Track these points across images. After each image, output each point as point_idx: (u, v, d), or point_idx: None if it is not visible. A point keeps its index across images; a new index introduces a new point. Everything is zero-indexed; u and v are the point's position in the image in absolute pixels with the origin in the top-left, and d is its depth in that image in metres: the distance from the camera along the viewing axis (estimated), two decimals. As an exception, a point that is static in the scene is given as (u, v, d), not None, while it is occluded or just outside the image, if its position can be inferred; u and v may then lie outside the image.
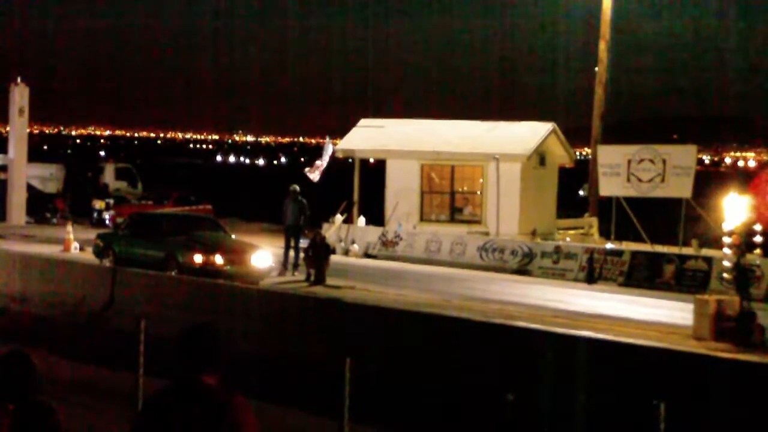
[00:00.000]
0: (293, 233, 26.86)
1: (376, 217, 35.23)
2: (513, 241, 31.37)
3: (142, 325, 11.26)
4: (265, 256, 23.68)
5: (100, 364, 15.53)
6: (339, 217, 34.58)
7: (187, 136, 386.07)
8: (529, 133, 35.05)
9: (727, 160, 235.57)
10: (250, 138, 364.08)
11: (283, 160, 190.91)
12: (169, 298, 17.74)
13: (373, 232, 33.61)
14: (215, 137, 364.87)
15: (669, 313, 22.15)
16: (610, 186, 31.67)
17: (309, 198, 27.93)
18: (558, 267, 29.16)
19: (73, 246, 30.10)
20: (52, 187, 45.91)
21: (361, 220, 34.81)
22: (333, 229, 33.50)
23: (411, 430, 12.94)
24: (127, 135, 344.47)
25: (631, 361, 12.28)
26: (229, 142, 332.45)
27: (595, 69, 38.24)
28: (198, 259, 22.69)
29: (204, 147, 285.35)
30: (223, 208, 42.04)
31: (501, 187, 33.74)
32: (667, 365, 12.10)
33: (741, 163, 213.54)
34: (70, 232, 30.57)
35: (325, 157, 34.12)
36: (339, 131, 41.55)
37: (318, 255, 24.98)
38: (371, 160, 39.88)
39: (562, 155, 36.42)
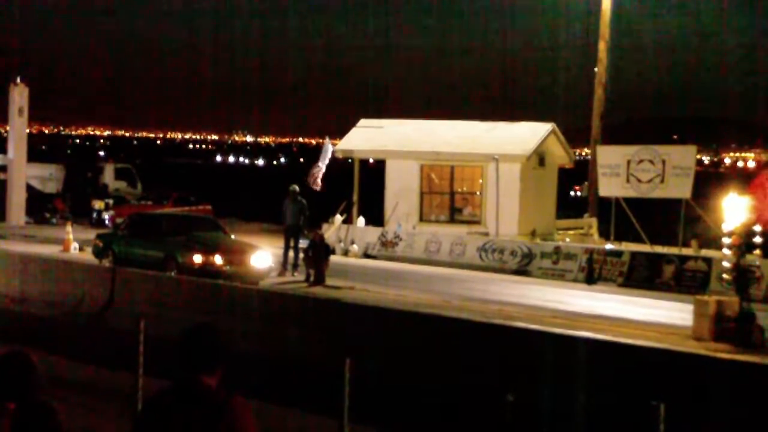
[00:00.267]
0: (293, 233, 26.87)
1: (376, 218, 35.23)
2: (512, 241, 31.37)
3: (142, 325, 11.25)
4: (264, 256, 23.69)
5: (100, 364, 15.52)
6: (338, 218, 34.58)
7: (186, 136, 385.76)
8: (529, 133, 35.07)
9: (727, 161, 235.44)
10: (249, 138, 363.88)
11: (282, 160, 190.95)
12: (169, 299, 17.72)
13: (373, 233, 33.61)
14: (215, 137, 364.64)
15: (668, 313, 22.16)
16: (609, 186, 31.67)
17: (308, 198, 27.96)
18: (557, 267, 29.17)
19: (72, 246, 30.11)
20: (51, 187, 45.94)
21: (361, 221, 34.81)
22: (332, 229, 33.50)
23: (411, 430, 12.94)
24: (127, 135, 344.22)
25: (631, 361, 12.28)
26: (229, 142, 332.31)
27: (595, 69, 38.26)
28: (197, 259, 22.69)
29: (203, 147, 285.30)
30: (222, 209, 42.05)
31: (500, 188, 33.76)
32: (667, 366, 12.10)
33: (741, 163, 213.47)
34: (70, 233, 30.59)
35: (324, 160, 34.01)
36: (338, 132, 41.58)
37: (318, 255, 24.99)
38: (371, 161, 39.90)
39: (561, 156, 36.44)
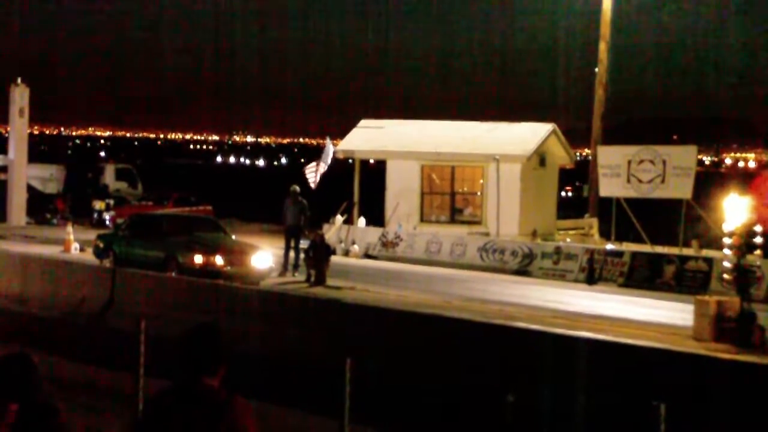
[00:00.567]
0: (293, 234, 26.87)
1: (377, 218, 35.23)
2: (513, 241, 31.37)
3: (142, 325, 11.26)
4: (265, 256, 23.69)
5: (100, 364, 15.53)
6: (339, 218, 34.58)
7: (187, 136, 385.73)
8: (530, 133, 35.08)
9: (728, 161, 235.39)
10: (250, 139, 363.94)
11: (283, 160, 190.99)
12: (169, 299, 17.72)
13: (374, 233, 33.61)
14: (215, 138, 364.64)
15: (669, 313, 22.15)
16: (610, 187, 31.66)
17: (309, 199, 27.95)
18: (558, 268, 29.15)
19: (73, 247, 30.11)
20: (52, 187, 45.94)
21: (362, 221, 34.81)
22: (333, 229, 33.49)
23: (411, 430, 12.94)
24: (128, 136, 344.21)
25: (632, 361, 12.28)
26: (230, 142, 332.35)
27: (596, 69, 38.27)
28: (198, 259, 22.69)
29: (204, 148, 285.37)
30: (223, 209, 42.05)
31: (501, 188, 33.75)
32: (667, 366, 12.10)
33: (741, 163, 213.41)
34: (71, 233, 30.59)
35: (327, 160, 33.90)
36: (339, 132, 41.59)
37: (318, 256, 24.99)
38: (371, 161, 39.89)
39: (562, 156, 36.44)
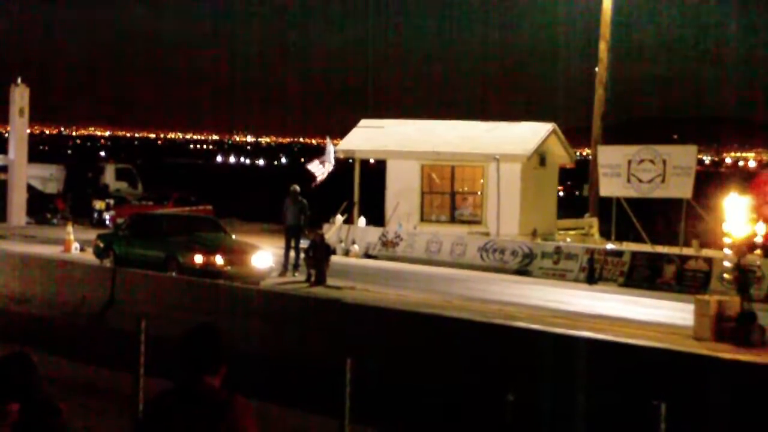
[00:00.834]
0: (293, 234, 26.86)
1: (377, 218, 35.23)
2: (513, 241, 31.37)
3: (143, 325, 11.25)
4: (265, 256, 23.69)
5: (100, 364, 15.52)
6: (339, 218, 34.58)
7: (187, 136, 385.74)
8: (530, 133, 35.08)
9: (728, 161, 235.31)
10: (250, 138, 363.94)
11: (283, 160, 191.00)
12: (170, 299, 17.72)
13: (374, 233, 33.61)
14: (215, 137, 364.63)
15: (669, 313, 22.16)
16: (610, 186, 31.66)
17: (309, 198, 27.95)
18: (558, 267, 29.16)
19: (73, 246, 30.11)
20: (52, 187, 45.92)
21: (362, 221, 34.81)
22: (333, 229, 33.49)
23: (411, 430, 12.94)
24: (128, 135, 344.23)
25: (632, 361, 12.27)
26: (230, 142, 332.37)
27: (596, 69, 38.28)
28: (198, 259, 22.69)
29: (204, 147, 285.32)
30: (223, 209, 42.04)
31: (501, 188, 33.76)
32: (668, 365, 12.09)
33: (741, 163, 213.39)
34: (71, 233, 30.59)
35: (330, 158, 33.80)
36: (339, 132, 41.58)
37: (318, 255, 24.98)
38: (371, 161, 39.89)
39: (562, 155, 36.44)
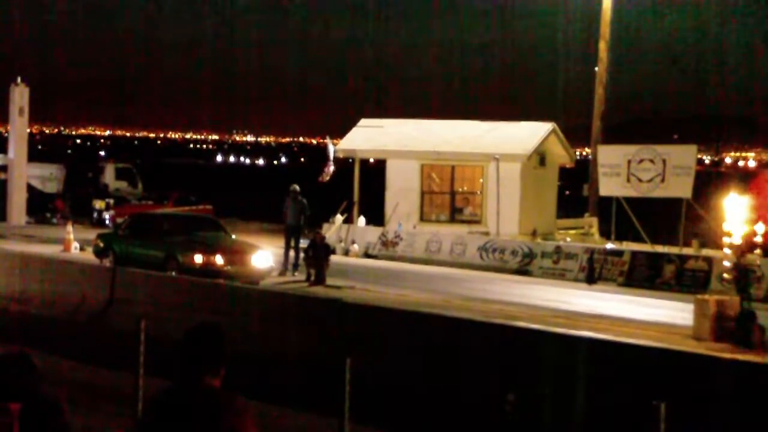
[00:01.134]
0: (293, 233, 26.86)
1: (376, 217, 35.23)
2: (513, 241, 31.37)
3: (143, 325, 11.24)
4: (265, 256, 23.68)
5: (100, 364, 15.51)
6: (339, 217, 34.58)
7: (187, 136, 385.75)
8: (529, 133, 35.08)
9: (728, 160, 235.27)
10: (250, 138, 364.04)
11: (283, 160, 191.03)
12: (169, 298, 17.71)
13: (374, 232, 33.61)
14: (215, 137, 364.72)
15: (669, 313, 22.15)
16: (610, 186, 31.66)
17: (309, 198, 27.94)
18: (558, 267, 29.16)
19: (73, 246, 30.11)
20: (52, 187, 45.94)
21: (361, 220, 34.81)
22: (333, 229, 33.50)
23: (411, 430, 12.93)
24: (128, 135, 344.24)
25: (631, 361, 12.27)
26: (230, 142, 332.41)
27: (596, 69, 38.28)
28: (198, 259, 22.69)
29: (204, 147, 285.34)
30: (223, 208, 42.05)
31: (501, 187, 33.76)
32: (668, 365, 12.08)
33: (741, 163, 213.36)
34: (71, 232, 30.58)
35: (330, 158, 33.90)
36: (339, 131, 41.56)
37: (318, 255, 24.99)
38: (371, 160, 39.89)
39: (562, 155, 36.43)
